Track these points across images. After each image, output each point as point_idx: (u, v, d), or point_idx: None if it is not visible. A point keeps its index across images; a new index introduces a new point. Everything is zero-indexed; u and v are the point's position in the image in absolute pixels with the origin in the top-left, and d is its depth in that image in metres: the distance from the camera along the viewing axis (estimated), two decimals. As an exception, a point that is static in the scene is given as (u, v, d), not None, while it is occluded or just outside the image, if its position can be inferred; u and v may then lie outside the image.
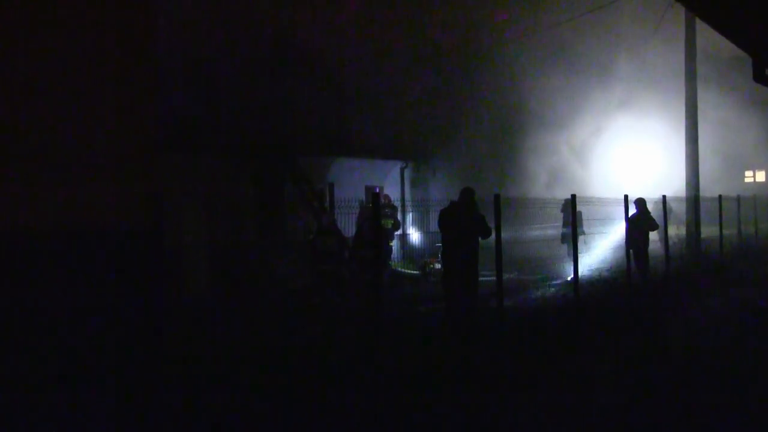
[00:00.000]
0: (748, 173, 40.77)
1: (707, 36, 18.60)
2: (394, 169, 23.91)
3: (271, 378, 8.77)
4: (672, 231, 20.32)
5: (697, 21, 20.60)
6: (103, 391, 8.43)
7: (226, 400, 8.03)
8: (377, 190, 21.39)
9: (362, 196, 20.54)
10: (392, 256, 18.91)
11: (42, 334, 9.78)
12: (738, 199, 25.64)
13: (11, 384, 8.31)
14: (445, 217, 11.64)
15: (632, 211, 16.99)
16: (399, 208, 19.11)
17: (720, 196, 23.06)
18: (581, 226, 17.85)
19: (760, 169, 40.51)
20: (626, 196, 17.09)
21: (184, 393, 8.31)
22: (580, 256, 15.38)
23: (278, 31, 18.88)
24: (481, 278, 11.99)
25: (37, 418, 7.73)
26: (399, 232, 19.55)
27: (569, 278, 15.82)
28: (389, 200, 18.70)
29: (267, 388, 8.39)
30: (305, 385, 8.51)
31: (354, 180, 20.89)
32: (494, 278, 12.55)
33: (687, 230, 22.15)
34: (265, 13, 18.72)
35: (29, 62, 10.53)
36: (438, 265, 16.69)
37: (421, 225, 21.69)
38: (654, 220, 17.50)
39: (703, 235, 22.25)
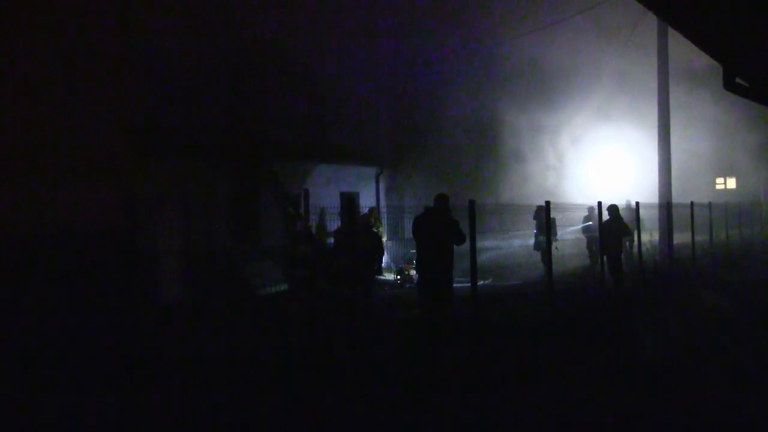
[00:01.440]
0: (719, 180, 41.19)
1: (680, 46, 18.79)
2: (369, 175, 23.90)
3: (243, 382, 8.76)
4: (645, 237, 20.47)
5: (670, 30, 20.82)
6: (77, 388, 8.39)
7: (198, 402, 8.00)
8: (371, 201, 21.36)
9: (337, 202, 20.50)
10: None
11: (17, 334, 9.71)
12: (710, 205, 25.89)
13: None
14: (419, 224, 11.63)
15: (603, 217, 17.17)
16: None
17: (692, 203, 23.28)
18: (555, 233, 17.93)
19: (731, 176, 40.94)
20: (600, 203, 17.22)
21: (157, 393, 8.29)
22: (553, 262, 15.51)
23: (257, 38, 18.84)
24: (455, 284, 12.00)
25: (15, 415, 7.67)
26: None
27: (542, 283, 15.90)
28: (377, 214, 18.60)
29: (239, 392, 8.37)
30: (278, 388, 8.51)
31: (329, 186, 20.86)
32: (469, 284, 12.61)
33: (660, 236, 22.33)
34: (245, 20, 18.67)
35: (9, 68, 10.46)
36: (413, 272, 16.68)
37: (396, 231, 21.70)
38: (627, 226, 17.63)
39: (675, 242, 22.45)
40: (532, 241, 19.92)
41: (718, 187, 40.64)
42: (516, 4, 27.20)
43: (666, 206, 22.15)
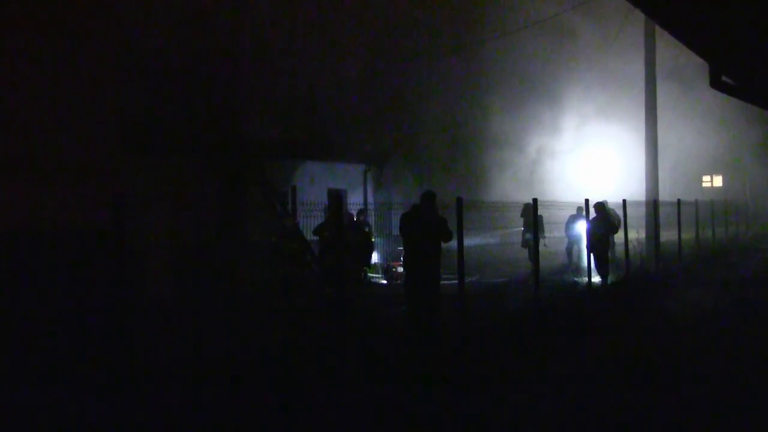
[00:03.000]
0: (706, 178, 41.39)
1: (668, 44, 18.83)
2: (357, 172, 23.84)
3: (232, 380, 8.73)
4: (632, 234, 20.52)
5: (657, 29, 20.87)
6: (64, 388, 8.35)
7: (186, 401, 7.97)
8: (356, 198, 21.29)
9: (325, 199, 20.44)
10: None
11: (8, 331, 9.67)
12: (696, 203, 26.00)
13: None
14: (406, 221, 11.61)
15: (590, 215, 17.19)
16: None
17: (679, 201, 23.37)
18: (542, 230, 17.93)
19: (718, 174, 41.14)
20: (587, 201, 17.25)
21: (145, 393, 8.26)
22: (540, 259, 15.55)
23: (244, 35, 18.77)
24: (443, 281, 12.00)
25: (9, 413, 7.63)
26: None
27: (529, 281, 15.91)
28: (364, 216, 18.56)
29: (227, 390, 8.35)
30: (265, 386, 8.49)
31: (316, 183, 20.80)
32: (456, 281, 12.60)
33: (646, 234, 22.39)
34: (231, 16, 18.60)
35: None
36: (401, 269, 16.65)
37: (383, 228, 21.66)
38: (613, 223, 17.67)
39: (662, 239, 22.51)
40: (521, 238, 19.95)
41: (704, 185, 40.85)
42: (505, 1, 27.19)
43: (653, 204, 22.22)
